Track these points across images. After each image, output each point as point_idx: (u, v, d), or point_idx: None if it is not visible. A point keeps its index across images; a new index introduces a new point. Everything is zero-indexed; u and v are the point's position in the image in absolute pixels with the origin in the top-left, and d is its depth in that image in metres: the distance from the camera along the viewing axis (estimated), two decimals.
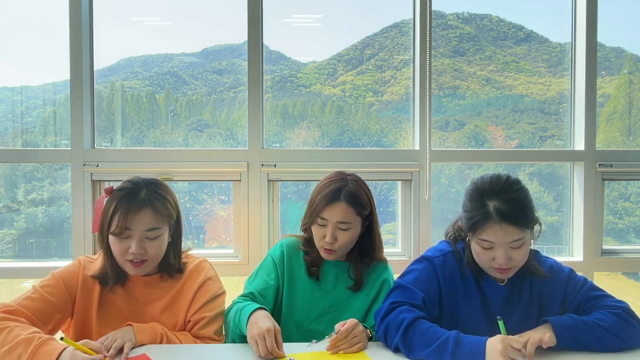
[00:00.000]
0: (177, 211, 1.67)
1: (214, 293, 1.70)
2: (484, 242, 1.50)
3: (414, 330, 1.45)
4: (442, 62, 2.99)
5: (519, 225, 1.47)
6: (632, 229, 3.04)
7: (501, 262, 1.49)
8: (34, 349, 1.36)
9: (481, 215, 1.48)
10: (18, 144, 2.85)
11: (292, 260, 1.80)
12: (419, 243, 2.65)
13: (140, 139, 2.90)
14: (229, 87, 3.04)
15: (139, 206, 1.56)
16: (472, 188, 1.56)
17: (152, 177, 1.67)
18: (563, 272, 1.65)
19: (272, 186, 2.65)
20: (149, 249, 1.58)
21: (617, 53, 3.05)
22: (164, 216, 1.60)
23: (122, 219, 1.54)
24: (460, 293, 1.61)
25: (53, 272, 1.64)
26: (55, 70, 2.78)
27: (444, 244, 1.71)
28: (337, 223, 1.69)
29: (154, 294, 1.66)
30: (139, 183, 1.62)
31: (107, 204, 1.60)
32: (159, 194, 1.61)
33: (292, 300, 1.77)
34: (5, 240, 2.84)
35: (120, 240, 1.57)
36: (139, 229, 1.56)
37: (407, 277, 1.63)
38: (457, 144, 2.98)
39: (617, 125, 3.03)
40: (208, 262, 1.78)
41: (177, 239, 1.69)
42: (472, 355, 1.36)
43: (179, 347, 1.55)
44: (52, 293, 1.58)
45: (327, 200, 1.69)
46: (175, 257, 1.68)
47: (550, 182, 3.05)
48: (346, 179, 1.74)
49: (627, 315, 1.51)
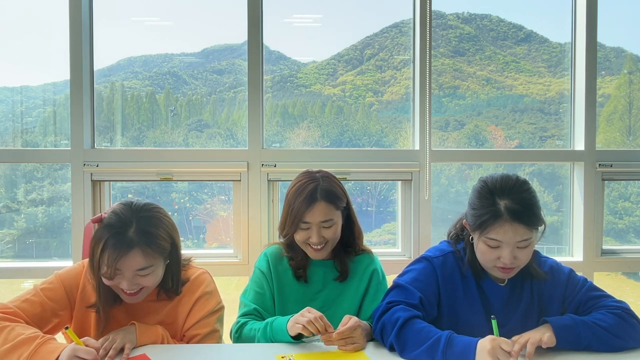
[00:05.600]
0: (171, 240, 1.56)
1: (211, 309, 1.64)
2: (492, 241, 1.49)
3: (408, 329, 1.45)
4: (442, 62, 2.99)
5: (529, 225, 1.46)
6: (632, 229, 3.04)
7: (506, 262, 1.48)
8: (35, 348, 1.37)
9: (491, 213, 1.47)
10: (18, 144, 2.85)
11: (277, 267, 1.80)
12: (419, 243, 2.65)
13: (140, 139, 2.90)
14: (229, 87, 3.04)
15: (128, 248, 1.44)
16: (482, 186, 1.54)
17: (145, 203, 1.54)
18: (563, 272, 1.64)
19: (272, 186, 2.65)
20: (143, 283, 1.51)
21: (617, 53, 3.05)
22: (156, 253, 1.49)
23: (112, 262, 1.44)
24: (461, 293, 1.61)
25: (57, 272, 1.63)
26: (55, 70, 2.79)
27: (445, 244, 1.71)
28: (320, 223, 1.70)
29: (152, 307, 1.63)
30: (127, 219, 1.47)
31: (94, 240, 1.49)
32: (148, 232, 1.48)
33: (284, 306, 1.76)
34: (5, 240, 2.84)
35: (112, 280, 1.50)
36: (129, 270, 1.47)
37: (406, 276, 1.63)
38: (457, 144, 2.98)
39: (617, 125, 3.03)
40: (208, 275, 1.71)
41: (174, 264, 1.60)
42: (463, 354, 1.36)
43: (179, 347, 1.55)
44: (52, 298, 1.56)
45: (306, 204, 1.69)
46: (172, 280, 1.61)
47: (550, 182, 3.05)
48: (316, 177, 1.75)
49: (626, 315, 1.51)
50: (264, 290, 1.76)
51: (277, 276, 1.79)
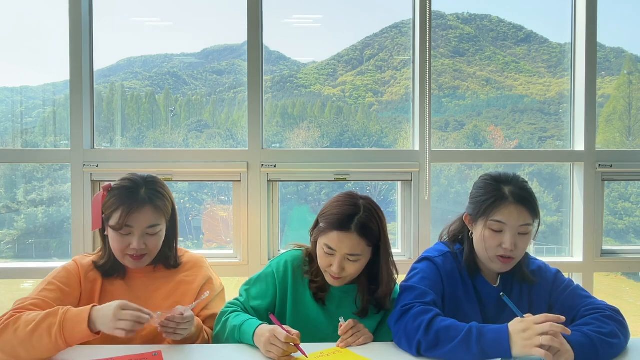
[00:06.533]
0: (172, 204, 1.73)
1: (217, 289, 1.80)
2: (496, 224, 1.57)
3: (435, 327, 1.45)
4: (442, 62, 2.99)
5: (530, 210, 1.57)
6: (632, 229, 3.05)
7: (507, 247, 1.55)
8: (62, 316, 1.40)
9: (497, 196, 1.58)
10: (18, 144, 2.85)
11: (297, 280, 1.71)
12: (419, 243, 2.65)
13: (140, 139, 2.90)
14: (228, 88, 3.04)
15: (140, 204, 1.61)
16: (485, 178, 1.66)
17: (149, 175, 1.72)
18: (550, 271, 1.71)
19: (272, 187, 2.65)
20: (148, 244, 1.64)
21: (617, 53, 3.05)
22: (162, 213, 1.66)
23: (124, 216, 1.59)
24: (461, 292, 1.64)
25: (64, 265, 1.68)
26: (55, 70, 2.78)
27: (442, 245, 1.74)
28: (345, 254, 1.58)
29: (154, 285, 1.71)
30: (137, 181, 1.67)
31: (107, 201, 1.64)
32: (157, 192, 1.67)
33: (297, 321, 1.68)
34: (5, 240, 2.84)
35: (120, 237, 1.62)
36: (140, 226, 1.61)
37: (413, 278, 1.63)
38: (457, 145, 2.98)
39: (616, 125, 3.03)
40: (206, 260, 1.86)
41: (172, 232, 1.74)
42: (497, 341, 1.37)
43: (190, 347, 1.56)
44: (67, 283, 1.62)
45: (337, 226, 1.57)
46: (170, 250, 1.74)
47: (550, 182, 3.05)
48: (359, 205, 1.61)
49: (617, 315, 1.55)
50: (267, 295, 1.70)
51: (294, 288, 1.70)
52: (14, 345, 1.40)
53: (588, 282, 2.71)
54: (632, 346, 1.52)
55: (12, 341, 1.40)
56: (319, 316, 1.70)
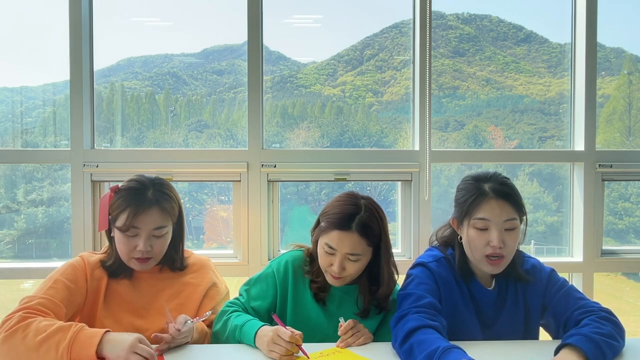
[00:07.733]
0: (179, 206, 1.73)
1: (222, 293, 1.80)
2: (480, 222, 1.55)
3: (412, 340, 1.43)
4: (442, 62, 2.99)
5: (513, 204, 1.56)
6: (632, 229, 3.05)
7: (495, 244, 1.53)
8: (73, 335, 1.38)
9: (477, 194, 1.57)
10: (18, 144, 2.85)
11: (297, 280, 1.71)
12: (418, 243, 2.65)
13: (140, 139, 2.90)
14: (228, 88, 3.04)
15: (147, 206, 1.61)
16: (466, 178, 1.66)
17: (156, 176, 1.72)
18: (544, 270, 1.70)
19: (272, 187, 2.65)
20: (154, 247, 1.64)
21: (617, 53, 3.05)
22: (169, 214, 1.66)
23: (131, 217, 1.59)
24: (457, 296, 1.64)
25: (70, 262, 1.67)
26: (55, 70, 2.78)
27: (434, 250, 1.73)
28: (346, 254, 1.59)
29: (159, 285, 1.71)
30: (145, 182, 1.67)
31: (114, 202, 1.64)
32: (165, 193, 1.67)
33: (297, 322, 1.68)
34: (5, 240, 2.84)
35: (126, 238, 1.61)
36: (146, 227, 1.61)
37: (410, 285, 1.63)
38: (456, 145, 2.98)
39: (616, 125, 3.03)
40: (212, 262, 1.86)
41: (178, 235, 1.74)
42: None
43: (190, 347, 1.56)
44: (74, 280, 1.61)
45: (337, 225, 1.58)
46: (176, 252, 1.74)
47: (550, 182, 3.05)
48: (360, 204, 1.61)
49: (612, 316, 1.55)
50: (267, 295, 1.71)
51: (294, 288, 1.71)
52: (19, 352, 1.39)
53: (588, 282, 2.71)
54: (632, 346, 1.52)
55: (19, 347, 1.39)
56: (320, 316, 1.70)
